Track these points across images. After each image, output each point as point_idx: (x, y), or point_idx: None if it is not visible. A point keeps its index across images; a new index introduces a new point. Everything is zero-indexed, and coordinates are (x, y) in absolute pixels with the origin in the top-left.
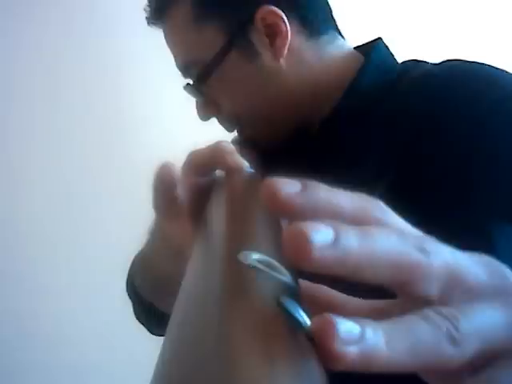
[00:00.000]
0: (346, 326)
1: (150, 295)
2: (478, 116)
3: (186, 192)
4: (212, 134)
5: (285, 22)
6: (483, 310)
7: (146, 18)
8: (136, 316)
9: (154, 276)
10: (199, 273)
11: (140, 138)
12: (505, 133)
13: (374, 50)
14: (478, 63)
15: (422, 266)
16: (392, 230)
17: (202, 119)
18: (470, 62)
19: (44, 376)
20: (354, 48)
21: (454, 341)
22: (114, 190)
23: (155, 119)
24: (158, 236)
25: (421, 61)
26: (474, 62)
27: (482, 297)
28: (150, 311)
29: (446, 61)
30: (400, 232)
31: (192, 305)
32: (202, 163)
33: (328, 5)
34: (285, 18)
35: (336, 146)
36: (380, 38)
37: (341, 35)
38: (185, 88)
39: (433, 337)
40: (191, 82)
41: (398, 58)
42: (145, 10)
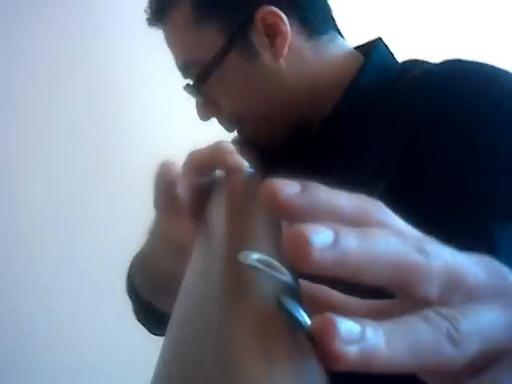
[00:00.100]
0: (347, 326)
1: (149, 294)
2: (478, 114)
3: (186, 191)
4: (212, 134)
5: (285, 22)
6: (483, 311)
7: (147, 20)
8: (136, 316)
9: (154, 275)
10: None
11: (140, 138)
12: (505, 131)
13: (373, 49)
14: (478, 62)
15: (421, 267)
16: (391, 232)
17: (202, 119)
18: (470, 61)
19: (43, 376)
20: (354, 48)
21: (453, 341)
22: (114, 190)
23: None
24: (157, 235)
25: (420, 60)
26: (474, 61)
27: (482, 297)
28: (149, 311)
29: (446, 60)
30: (400, 233)
31: (192, 305)
32: (202, 163)
33: (328, 5)
34: (285, 18)
35: (336, 144)
36: (380, 37)
37: (341, 35)
38: (185, 88)
39: (433, 337)
40: (191, 82)
41: (398, 58)
42: (145, 11)
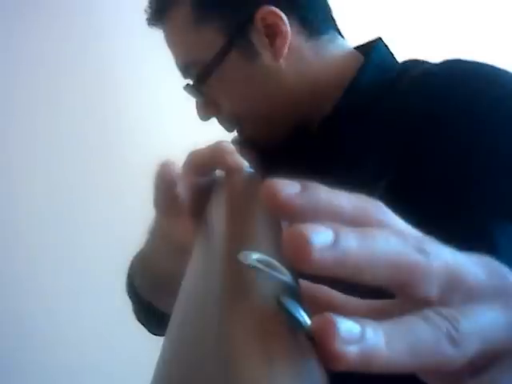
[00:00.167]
0: (347, 326)
1: (149, 294)
2: (478, 114)
3: (186, 191)
4: (212, 134)
5: (285, 22)
6: (483, 311)
7: (146, 20)
8: (136, 316)
9: (154, 274)
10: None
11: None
12: (505, 131)
13: (373, 49)
14: (478, 62)
15: (421, 267)
16: (391, 232)
17: (202, 119)
18: (470, 61)
19: (43, 376)
20: (354, 48)
21: (453, 341)
22: (114, 190)
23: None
24: (157, 234)
25: (421, 60)
26: (474, 61)
27: (482, 297)
28: (149, 311)
29: (446, 60)
30: (400, 233)
31: (192, 305)
32: (201, 163)
33: (328, 5)
34: (285, 18)
35: (336, 144)
36: (380, 37)
37: (341, 35)
38: (185, 88)
39: (432, 337)
40: (191, 82)
41: (398, 58)
42: (145, 11)
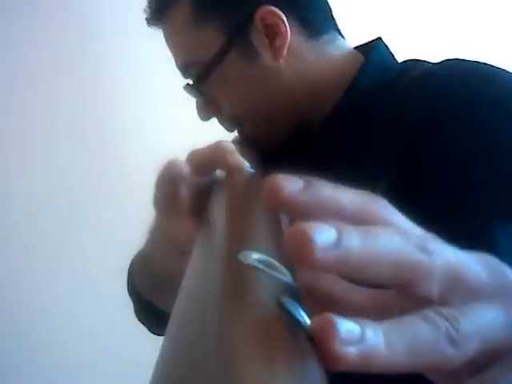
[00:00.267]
0: (347, 326)
1: (149, 293)
2: (478, 114)
3: (186, 191)
4: (212, 134)
5: (284, 23)
6: (483, 310)
7: (146, 19)
8: (136, 315)
9: (154, 274)
10: (199, 272)
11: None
12: (505, 131)
13: (373, 49)
14: (478, 62)
15: (423, 266)
16: (394, 230)
17: (202, 119)
18: (470, 61)
19: (39, 376)
20: (354, 48)
21: (453, 341)
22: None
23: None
24: (158, 234)
25: (420, 60)
26: (474, 61)
27: (483, 296)
28: (150, 310)
29: (446, 60)
30: (402, 232)
31: (192, 304)
32: (202, 163)
33: (328, 5)
34: (284, 18)
35: (336, 144)
36: (380, 37)
37: (341, 35)
38: (185, 88)
39: (432, 337)
40: (191, 82)
41: (398, 58)
42: (144, 11)
